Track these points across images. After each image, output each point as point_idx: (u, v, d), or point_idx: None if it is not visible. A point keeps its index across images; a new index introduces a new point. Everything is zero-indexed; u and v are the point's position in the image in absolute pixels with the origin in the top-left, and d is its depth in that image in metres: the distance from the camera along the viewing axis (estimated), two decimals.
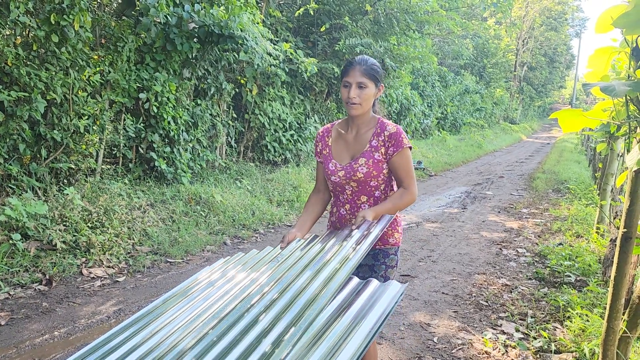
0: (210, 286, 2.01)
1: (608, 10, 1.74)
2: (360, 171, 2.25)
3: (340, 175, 2.29)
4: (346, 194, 2.34)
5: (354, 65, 2.22)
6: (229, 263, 2.23)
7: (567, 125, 1.84)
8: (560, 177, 11.78)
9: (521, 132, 31.11)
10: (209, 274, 2.15)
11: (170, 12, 6.10)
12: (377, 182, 2.28)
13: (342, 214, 2.37)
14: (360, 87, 2.21)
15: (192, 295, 1.97)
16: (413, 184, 2.27)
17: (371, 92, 2.23)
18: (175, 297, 1.98)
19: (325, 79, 10.68)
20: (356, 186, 2.29)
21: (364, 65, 2.21)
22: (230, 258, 2.27)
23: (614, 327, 2.18)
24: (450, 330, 3.67)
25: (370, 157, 2.25)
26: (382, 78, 2.29)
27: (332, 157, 2.36)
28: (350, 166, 2.27)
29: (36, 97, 4.81)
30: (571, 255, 5.25)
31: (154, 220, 5.73)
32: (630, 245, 2.08)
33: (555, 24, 41.34)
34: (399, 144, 2.23)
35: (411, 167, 2.28)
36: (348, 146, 2.34)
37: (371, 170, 2.25)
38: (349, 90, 2.21)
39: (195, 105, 7.26)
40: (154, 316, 1.84)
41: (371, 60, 2.24)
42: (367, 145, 2.27)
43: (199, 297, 1.93)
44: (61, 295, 4.02)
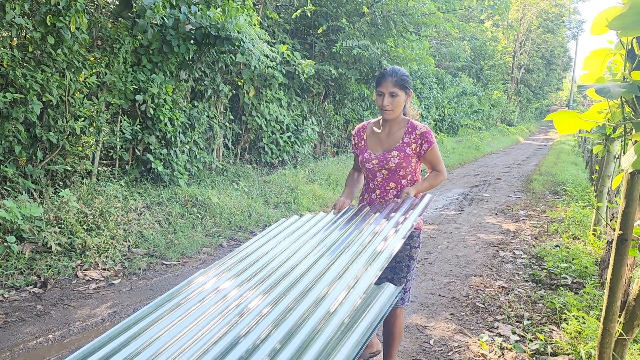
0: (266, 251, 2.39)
1: (604, 12, 1.74)
2: (392, 161, 2.64)
3: (374, 163, 2.69)
4: (377, 181, 2.73)
5: (386, 77, 2.58)
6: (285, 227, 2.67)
7: (562, 127, 1.83)
8: (557, 179, 11.80)
9: (518, 134, 31.16)
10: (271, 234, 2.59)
11: (166, 14, 6.09)
12: (405, 172, 2.67)
13: (373, 199, 2.76)
14: (392, 96, 2.58)
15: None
16: (443, 168, 2.74)
17: (402, 99, 2.61)
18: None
19: (323, 80, 10.68)
20: (387, 174, 2.68)
21: (394, 76, 2.57)
22: (286, 221, 2.74)
23: (610, 330, 2.17)
24: (446, 332, 3.66)
25: (402, 150, 2.64)
26: (411, 85, 2.66)
27: (367, 148, 2.77)
28: (384, 156, 2.67)
29: (32, 98, 4.79)
30: (568, 257, 5.25)
31: (150, 222, 5.71)
32: (626, 247, 2.08)
33: (552, 26, 41.45)
34: (430, 141, 2.64)
35: (440, 156, 2.72)
36: (381, 141, 2.73)
37: (402, 161, 2.63)
38: (383, 99, 2.60)
39: (192, 107, 7.24)
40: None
41: (401, 72, 2.60)
42: (399, 141, 2.67)
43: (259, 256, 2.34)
44: (56, 298, 4.00)
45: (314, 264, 2.13)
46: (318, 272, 2.05)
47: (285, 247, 2.37)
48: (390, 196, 2.71)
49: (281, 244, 2.43)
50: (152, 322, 1.87)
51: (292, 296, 1.88)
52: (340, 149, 12.65)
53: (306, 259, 2.19)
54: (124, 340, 1.82)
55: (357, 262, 2.08)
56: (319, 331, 1.70)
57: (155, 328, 1.83)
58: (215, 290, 2.04)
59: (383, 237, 2.24)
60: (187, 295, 2.02)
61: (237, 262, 2.28)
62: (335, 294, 1.87)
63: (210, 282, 2.10)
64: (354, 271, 2.02)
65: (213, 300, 1.95)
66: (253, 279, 2.08)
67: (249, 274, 2.13)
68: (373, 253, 2.13)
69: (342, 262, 2.09)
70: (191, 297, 2.01)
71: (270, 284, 1.99)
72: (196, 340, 1.70)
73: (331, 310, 1.80)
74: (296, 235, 2.51)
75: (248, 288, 2.00)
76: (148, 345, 1.73)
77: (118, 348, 1.78)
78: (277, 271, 2.11)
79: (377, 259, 2.08)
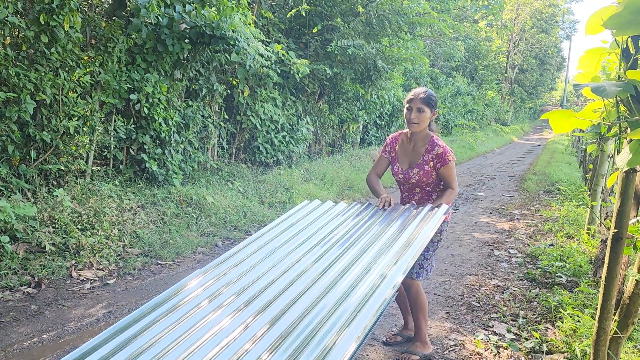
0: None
1: (598, 11, 1.75)
2: (414, 178, 3.10)
3: (401, 177, 3.17)
4: (405, 187, 3.23)
5: (417, 94, 2.99)
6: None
7: (558, 126, 1.84)
8: (551, 178, 11.85)
9: (512, 134, 31.28)
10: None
11: (161, 13, 6.06)
12: (426, 183, 3.10)
13: (403, 198, 3.28)
14: (419, 111, 2.98)
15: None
16: (455, 186, 3.09)
17: (427, 115, 3.00)
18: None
19: (318, 80, 10.67)
20: (412, 184, 3.14)
21: (424, 95, 2.98)
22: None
23: (605, 328, 2.18)
24: (442, 331, 3.67)
25: (421, 168, 3.07)
26: (437, 105, 3.06)
27: (397, 160, 3.21)
28: (407, 173, 3.12)
29: (25, 98, 4.76)
30: (562, 256, 5.27)
31: (144, 222, 5.69)
32: (621, 245, 2.08)
33: (546, 26, 41.59)
34: (445, 160, 3.01)
35: (454, 175, 3.07)
36: (407, 155, 3.17)
37: (422, 178, 3.08)
38: (411, 113, 3.00)
39: (186, 107, 7.22)
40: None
41: (430, 92, 3.01)
42: (420, 159, 3.08)
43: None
44: (50, 298, 3.98)
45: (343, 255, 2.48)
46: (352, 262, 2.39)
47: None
48: (416, 198, 3.17)
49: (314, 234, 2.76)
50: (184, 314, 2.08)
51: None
52: (335, 149, 12.66)
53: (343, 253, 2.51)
54: (122, 340, 1.86)
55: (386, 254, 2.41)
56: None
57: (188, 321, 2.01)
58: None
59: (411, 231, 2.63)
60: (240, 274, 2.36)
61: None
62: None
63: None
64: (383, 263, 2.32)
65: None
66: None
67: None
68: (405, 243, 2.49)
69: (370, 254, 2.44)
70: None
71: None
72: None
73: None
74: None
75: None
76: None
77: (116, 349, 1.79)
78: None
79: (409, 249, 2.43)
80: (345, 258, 2.39)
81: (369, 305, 1.94)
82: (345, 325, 1.85)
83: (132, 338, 1.88)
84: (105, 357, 1.77)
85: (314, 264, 2.35)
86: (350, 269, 2.28)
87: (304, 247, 2.55)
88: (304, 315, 1.94)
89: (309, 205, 3.17)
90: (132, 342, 1.84)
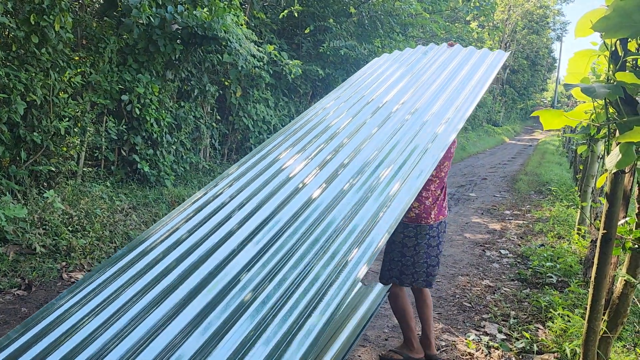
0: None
1: (588, 14, 1.76)
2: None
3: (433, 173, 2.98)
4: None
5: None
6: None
7: (548, 123, 1.85)
8: (542, 178, 11.92)
9: (504, 135, 31.41)
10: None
11: (152, 13, 6.04)
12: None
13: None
14: None
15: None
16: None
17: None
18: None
19: (310, 81, 10.67)
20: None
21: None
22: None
23: (594, 328, 2.20)
24: (434, 332, 3.68)
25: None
26: None
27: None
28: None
29: (15, 98, 4.72)
30: (553, 257, 5.30)
31: (136, 223, 5.66)
32: (610, 246, 2.10)
33: (537, 28, 41.83)
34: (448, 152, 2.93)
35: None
36: None
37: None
38: None
39: (178, 107, 7.20)
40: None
41: None
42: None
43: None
44: (41, 300, 3.95)
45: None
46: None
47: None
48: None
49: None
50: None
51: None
52: None
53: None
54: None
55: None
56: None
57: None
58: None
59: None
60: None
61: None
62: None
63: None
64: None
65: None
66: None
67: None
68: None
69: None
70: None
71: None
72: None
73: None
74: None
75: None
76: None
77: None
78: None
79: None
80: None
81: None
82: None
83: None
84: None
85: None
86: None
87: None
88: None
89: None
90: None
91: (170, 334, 1.49)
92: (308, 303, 1.63)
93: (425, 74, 3.31)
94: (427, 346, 3.23)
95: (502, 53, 3.55)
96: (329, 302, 1.63)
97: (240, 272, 1.73)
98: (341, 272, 1.72)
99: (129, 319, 1.56)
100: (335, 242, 1.83)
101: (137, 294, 1.67)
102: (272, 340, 1.49)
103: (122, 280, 1.75)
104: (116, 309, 1.61)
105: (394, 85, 3.19)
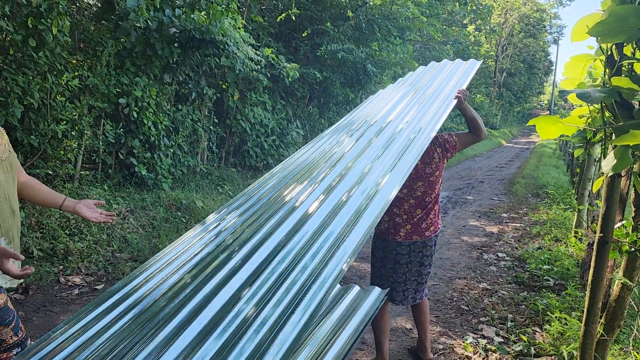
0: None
1: (584, 18, 1.78)
2: (419, 190, 2.87)
3: (405, 192, 2.88)
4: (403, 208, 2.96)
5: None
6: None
7: (544, 132, 1.86)
8: (539, 181, 11.94)
9: (501, 138, 31.46)
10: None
11: (150, 17, 6.04)
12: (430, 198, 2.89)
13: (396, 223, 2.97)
14: None
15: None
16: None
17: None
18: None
19: (307, 84, 10.69)
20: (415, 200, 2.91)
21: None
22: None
23: (591, 331, 2.20)
24: (431, 335, 3.68)
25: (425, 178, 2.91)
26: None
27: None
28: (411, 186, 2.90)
29: (13, 102, 4.72)
30: (550, 259, 5.32)
31: (133, 226, 5.66)
32: (607, 249, 2.11)
33: (534, 31, 42.01)
34: (450, 147, 2.93)
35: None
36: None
37: (427, 189, 2.89)
38: None
39: (176, 111, 7.20)
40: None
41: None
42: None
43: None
44: (38, 304, 3.94)
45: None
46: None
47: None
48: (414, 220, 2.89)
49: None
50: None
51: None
52: None
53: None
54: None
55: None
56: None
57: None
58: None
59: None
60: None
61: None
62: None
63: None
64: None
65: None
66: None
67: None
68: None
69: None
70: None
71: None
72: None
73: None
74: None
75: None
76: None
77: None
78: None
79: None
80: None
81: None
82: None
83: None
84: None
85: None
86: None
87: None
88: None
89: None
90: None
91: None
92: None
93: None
94: (423, 351, 3.25)
95: (475, 62, 3.51)
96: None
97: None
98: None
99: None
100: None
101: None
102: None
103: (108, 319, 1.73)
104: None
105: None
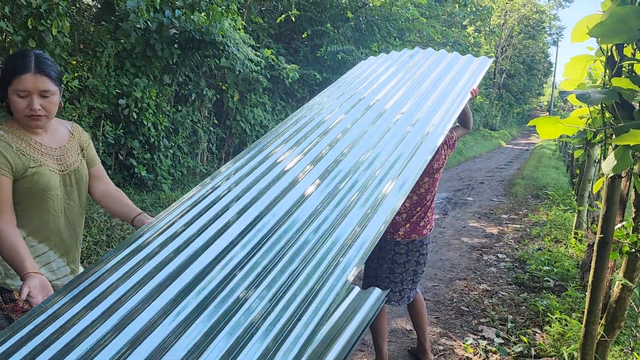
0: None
1: (584, 19, 1.77)
2: (423, 187, 2.83)
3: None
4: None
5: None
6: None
7: (545, 132, 1.86)
8: (539, 183, 11.94)
9: (500, 139, 31.48)
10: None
11: (150, 18, 6.05)
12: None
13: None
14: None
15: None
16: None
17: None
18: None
19: (307, 85, 10.69)
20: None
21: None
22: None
23: (592, 332, 2.20)
24: (432, 336, 3.68)
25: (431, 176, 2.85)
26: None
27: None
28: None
29: None
30: (550, 261, 5.31)
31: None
32: (607, 250, 2.11)
33: (533, 32, 42.02)
34: (451, 144, 2.94)
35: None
36: None
37: (430, 186, 2.87)
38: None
39: (175, 112, 7.20)
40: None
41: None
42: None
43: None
44: None
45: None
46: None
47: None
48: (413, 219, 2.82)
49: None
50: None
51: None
52: None
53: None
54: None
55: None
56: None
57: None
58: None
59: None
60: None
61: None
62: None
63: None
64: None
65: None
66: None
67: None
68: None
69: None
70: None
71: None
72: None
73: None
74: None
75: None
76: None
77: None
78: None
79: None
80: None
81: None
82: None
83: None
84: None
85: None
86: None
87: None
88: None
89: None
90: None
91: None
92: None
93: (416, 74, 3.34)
94: (423, 353, 3.24)
95: (486, 59, 3.47)
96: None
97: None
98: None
99: (125, 313, 1.54)
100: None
101: (132, 288, 1.66)
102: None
103: (118, 275, 1.73)
104: (111, 303, 1.59)
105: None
